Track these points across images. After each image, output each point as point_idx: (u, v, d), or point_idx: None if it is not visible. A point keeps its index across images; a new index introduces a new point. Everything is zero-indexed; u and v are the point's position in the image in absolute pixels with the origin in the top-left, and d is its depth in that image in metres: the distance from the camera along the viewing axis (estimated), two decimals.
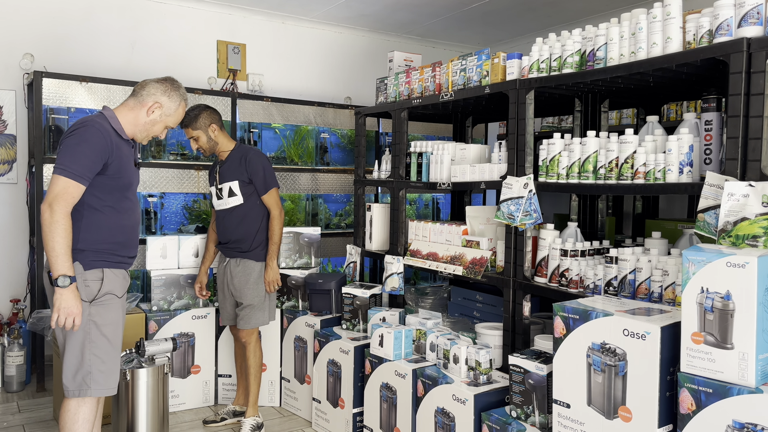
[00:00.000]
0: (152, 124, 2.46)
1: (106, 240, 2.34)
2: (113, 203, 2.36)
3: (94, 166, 2.25)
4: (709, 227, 1.90)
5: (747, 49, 1.85)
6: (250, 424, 3.19)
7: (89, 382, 2.29)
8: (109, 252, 2.35)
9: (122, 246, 2.40)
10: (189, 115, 3.14)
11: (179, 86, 2.51)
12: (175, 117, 2.51)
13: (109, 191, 2.34)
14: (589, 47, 2.43)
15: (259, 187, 3.17)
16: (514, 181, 2.64)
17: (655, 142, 2.21)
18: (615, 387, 1.88)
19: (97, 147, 2.25)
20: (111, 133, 2.33)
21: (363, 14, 4.98)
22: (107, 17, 4.43)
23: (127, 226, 2.42)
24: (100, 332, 2.31)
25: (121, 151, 2.36)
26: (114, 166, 2.32)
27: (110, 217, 2.35)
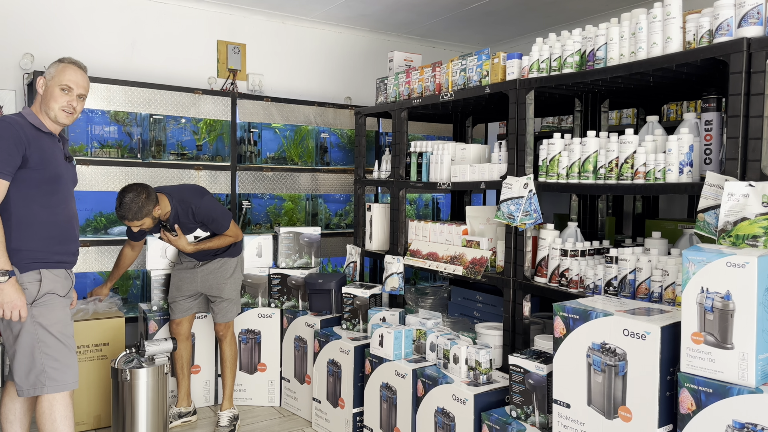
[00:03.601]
0: (47, 94, 2.39)
1: (38, 236, 2.33)
2: (41, 197, 2.34)
3: (11, 159, 2.23)
4: (709, 227, 1.90)
5: (747, 49, 1.85)
6: (227, 416, 3.23)
7: (44, 380, 2.30)
8: (44, 251, 2.34)
9: (57, 242, 2.38)
10: (131, 209, 2.89)
11: (62, 59, 2.47)
12: (62, 75, 2.41)
13: (36, 185, 2.32)
14: (589, 47, 2.43)
15: (218, 230, 3.19)
16: (514, 181, 2.64)
17: (655, 142, 2.21)
18: (615, 387, 1.88)
19: (10, 140, 2.24)
20: (25, 126, 2.32)
21: (363, 14, 4.98)
22: (107, 17, 4.43)
23: (60, 221, 2.40)
24: (47, 332, 2.32)
25: (42, 143, 2.34)
26: (35, 157, 2.30)
27: (40, 213, 2.34)
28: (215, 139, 4.52)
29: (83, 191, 3.99)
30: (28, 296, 2.29)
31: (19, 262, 2.29)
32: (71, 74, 2.43)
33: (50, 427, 2.34)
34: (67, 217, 2.43)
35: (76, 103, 2.44)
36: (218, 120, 4.46)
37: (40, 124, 2.37)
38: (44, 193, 2.34)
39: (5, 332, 2.34)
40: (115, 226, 4.16)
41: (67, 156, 2.50)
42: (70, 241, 2.44)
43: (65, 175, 2.44)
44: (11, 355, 2.34)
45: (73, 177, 2.55)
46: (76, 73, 2.45)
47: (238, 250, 3.36)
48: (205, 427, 3.32)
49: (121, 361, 2.85)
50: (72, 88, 2.42)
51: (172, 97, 4.20)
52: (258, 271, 3.74)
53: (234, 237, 3.24)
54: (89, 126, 4.09)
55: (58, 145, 2.45)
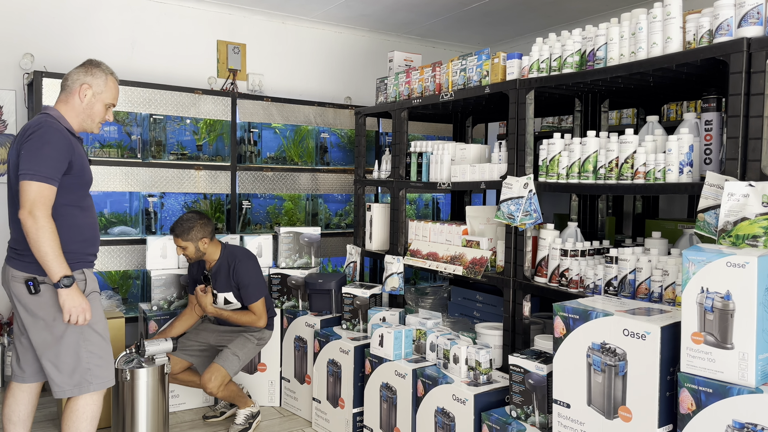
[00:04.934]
0: (90, 107, 2.41)
1: (76, 239, 2.34)
2: (77, 202, 2.36)
3: (60, 166, 2.24)
4: (709, 227, 1.90)
5: (747, 49, 1.85)
6: (244, 414, 3.23)
7: (90, 378, 2.32)
8: (81, 252, 2.37)
9: (90, 244, 2.41)
10: (182, 225, 3.11)
11: (99, 63, 2.46)
12: (109, 92, 2.45)
13: (75, 190, 2.35)
14: (589, 47, 2.43)
15: (245, 299, 3.20)
16: (514, 181, 2.64)
17: (655, 142, 2.21)
18: (615, 387, 1.88)
19: (60, 147, 2.25)
20: (66, 130, 2.33)
21: (363, 14, 4.98)
22: (107, 17, 4.43)
23: (91, 224, 2.43)
24: (93, 330, 2.35)
25: (78, 148, 2.36)
26: (77, 164, 2.32)
27: (79, 216, 2.36)
28: (215, 139, 4.52)
29: None
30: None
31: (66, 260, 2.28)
32: (117, 91, 2.50)
33: (78, 425, 2.33)
34: (94, 219, 2.47)
35: (111, 117, 2.52)
36: (218, 120, 4.46)
37: (70, 128, 2.38)
38: (80, 197, 2.38)
39: (40, 335, 2.30)
40: (116, 226, 4.17)
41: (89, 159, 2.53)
42: (97, 243, 2.48)
43: (91, 179, 2.49)
44: (50, 356, 2.30)
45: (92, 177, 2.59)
46: (118, 89, 2.52)
47: (264, 340, 3.31)
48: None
49: (121, 361, 2.85)
50: (114, 106, 2.51)
51: (172, 97, 4.20)
52: None
53: (257, 317, 3.20)
54: None
55: (83, 148, 2.47)
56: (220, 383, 3.06)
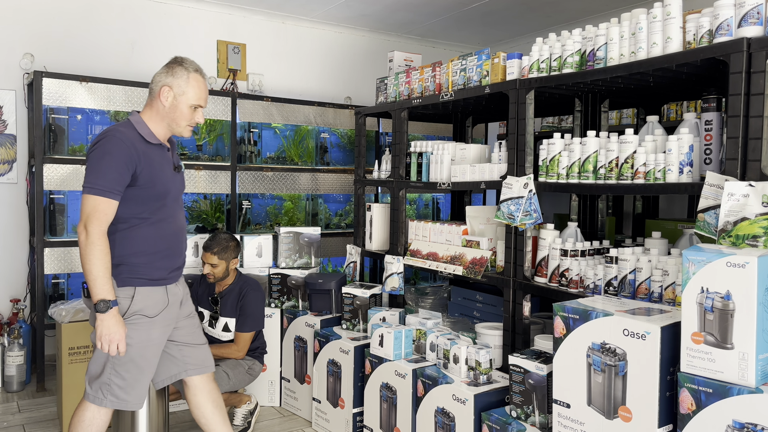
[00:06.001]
0: (173, 110, 2.25)
1: (143, 252, 2.21)
2: (149, 214, 2.23)
3: (121, 178, 2.12)
4: (709, 227, 1.90)
5: (747, 49, 1.85)
6: (242, 413, 3.23)
7: (105, 393, 2.22)
8: (146, 266, 2.22)
9: (161, 257, 2.26)
10: (220, 243, 3.15)
11: (182, 60, 2.31)
12: (193, 92, 2.27)
13: (143, 202, 2.21)
14: (589, 47, 2.43)
15: (239, 325, 3.20)
16: (514, 181, 2.64)
17: (655, 142, 2.21)
18: (615, 387, 1.88)
19: (120, 158, 2.12)
20: (136, 140, 2.19)
21: (363, 14, 4.98)
22: (107, 17, 4.43)
23: (166, 236, 2.28)
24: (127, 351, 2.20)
25: (151, 158, 2.21)
26: (144, 175, 2.17)
27: (146, 229, 2.22)
28: (215, 139, 4.52)
29: None
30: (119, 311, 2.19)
31: (118, 275, 2.19)
32: (203, 91, 2.30)
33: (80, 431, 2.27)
34: (173, 232, 2.31)
35: (201, 118, 2.33)
36: (218, 120, 4.46)
37: (150, 136, 2.24)
38: (151, 209, 2.23)
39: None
40: None
41: (176, 165, 2.36)
42: (174, 256, 2.32)
43: (173, 188, 2.31)
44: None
45: (181, 187, 2.42)
46: (205, 88, 2.32)
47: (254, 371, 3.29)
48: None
49: None
50: (202, 106, 2.31)
51: None
52: (258, 271, 3.74)
53: (236, 349, 3.18)
54: (89, 126, 4.09)
55: (166, 155, 2.31)
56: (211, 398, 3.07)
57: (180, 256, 2.36)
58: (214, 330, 3.26)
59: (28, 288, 4.17)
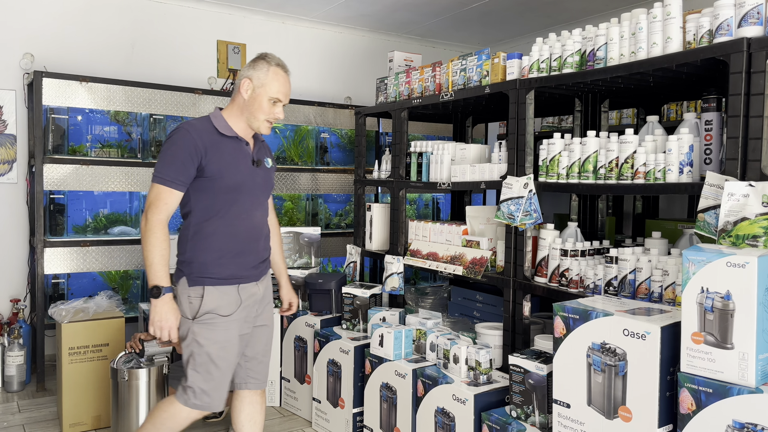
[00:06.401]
0: (252, 102, 2.21)
1: (213, 248, 2.19)
2: (221, 208, 2.19)
3: (184, 168, 2.11)
4: (709, 227, 1.90)
5: (747, 49, 1.85)
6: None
7: (190, 394, 2.19)
8: (216, 264, 2.19)
9: (233, 255, 2.22)
10: None
11: (265, 54, 2.26)
12: (273, 84, 2.21)
13: (214, 195, 2.18)
14: (589, 47, 2.43)
15: None
16: (514, 181, 2.64)
17: (655, 142, 2.21)
18: (615, 387, 1.88)
19: (185, 148, 2.11)
20: (207, 131, 2.17)
21: (363, 14, 4.98)
22: (107, 17, 4.43)
23: (238, 233, 2.23)
24: (202, 351, 2.18)
25: (222, 150, 2.17)
26: (212, 166, 2.15)
27: (217, 224, 2.19)
28: None
29: (83, 191, 3.99)
30: (192, 310, 2.19)
31: (190, 274, 2.19)
32: (282, 85, 2.23)
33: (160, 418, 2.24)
34: (247, 229, 2.26)
35: (281, 114, 2.26)
36: None
37: (226, 128, 2.21)
38: (223, 202, 2.19)
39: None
40: (115, 226, 4.17)
41: (255, 160, 2.29)
42: (248, 254, 2.26)
43: (249, 183, 2.25)
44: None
45: (263, 183, 2.34)
46: (286, 83, 2.25)
47: None
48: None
49: (120, 361, 2.85)
50: (281, 101, 2.24)
51: (172, 97, 4.20)
52: None
53: None
54: (89, 126, 4.09)
55: (244, 149, 2.26)
56: None
57: (255, 255, 2.29)
58: None
59: (28, 288, 4.17)
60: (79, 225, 4.07)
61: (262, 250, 2.34)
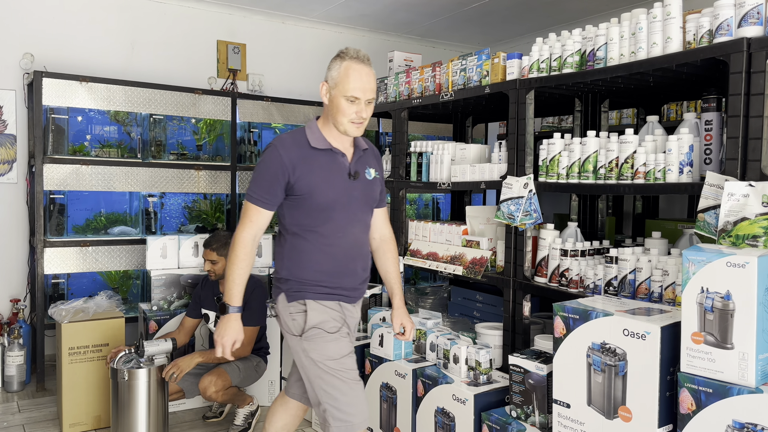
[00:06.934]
0: (332, 106, 2.04)
1: (308, 267, 2.08)
2: (315, 225, 2.07)
3: (271, 187, 2.03)
4: (709, 227, 1.90)
5: (747, 49, 1.85)
6: (243, 413, 3.23)
7: (329, 419, 2.05)
8: (314, 283, 2.08)
9: (329, 275, 2.08)
10: (219, 240, 3.16)
11: (343, 50, 2.05)
12: (346, 82, 2.00)
13: (306, 212, 2.06)
14: (589, 47, 2.43)
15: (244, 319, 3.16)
16: (514, 181, 2.64)
17: (655, 142, 2.21)
18: (615, 387, 1.88)
19: (271, 167, 2.02)
20: (298, 145, 2.05)
21: (363, 14, 4.98)
22: (107, 17, 4.43)
23: (333, 253, 2.09)
24: (320, 368, 2.05)
25: (311, 165, 2.03)
26: (302, 184, 2.02)
27: (311, 242, 2.08)
28: (215, 139, 4.52)
29: (83, 191, 3.99)
30: (297, 327, 2.08)
31: (288, 290, 2.10)
32: (356, 80, 2.00)
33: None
34: (343, 248, 2.10)
35: (365, 112, 2.04)
36: (218, 120, 4.46)
37: (318, 141, 2.07)
38: (316, 220, 2.06)
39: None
40: (115, 226, 4.17)
41: (352, 173, 2.10)
42: (345, 276, 2.11)
43: (344, 199, 2.07)
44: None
45: (361, 197, 2.14)
46: (361, 77, 2.01)
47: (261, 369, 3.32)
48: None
49: (120, 361, 2.85)
50: (359, 98, 2.01)
51: (172, 97, 4.20)
52: (258, 271, 3.74)
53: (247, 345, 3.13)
54: (89, 126, 4.09)
55: (339, 162, 2.09)
56: (221, 387, 3.05)
57: (352, 276, 2.13)
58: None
59: (28, 288, 4.17)
60: (79, 225, 4.07)
61: (360, 270, 2.17)
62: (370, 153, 2.23)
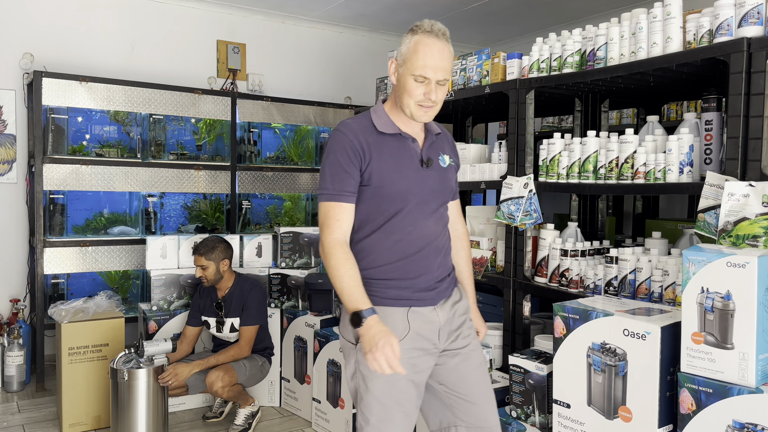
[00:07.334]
0: (400, 87, 1.79)
1: (375, 264, 1.80)
2: (383, 219, 1.80)
3: (345, 177, 1.76)
4: (710, 227, 1.90)
5: (747, 48, 1.85)
6: (244, 414, 3.23)
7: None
8: (379, 283, 1.80)
9: (399, 273, 1.80)
10: (206, 245, 3.17)
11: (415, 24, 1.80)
12: (414, 58, 1.74)
13: (376, 203, 1.80)
14: (590, 47, 2.43)
15: (243, 319, 3.22)
16: (514, 181, 2.64)
17: (655, 142, 2.21)
18: (615, 387, 1.88)
19: (343, 153, 1.77)
20: (365, 130, 1.80)
21: (363, 14, 4.98)
22: (107, 17, 4.43)
23: (403, 249, 1.80)
24: (366, 386, 1.78)
25: (381, 151, 1.79)
26: (371, 171, 1.78)
27: (378, 236, 1.81)
28: (215, 139, 4.52)
29: (82, 191, 3.99)
30: (354, 334, 1.80)
31: None
32: (426, 57, 1.73)
33: None
34: (416, 243, 1.82)
35: (435, 94, 1.76)
36: (218, 120, 4.46)
37: (385, 125, 1.82)
38: (384, 212, 1.80)
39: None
40: (115, 226, 4.16)
41: (424, 160, 1.84)
42: (418, 273, 1.81)
43: (416, 188, 1.82)
44: None
45: (436, 187, 1.86)
46: (432, 53, 1.74)
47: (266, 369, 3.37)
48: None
49: (119, 361, 2.85)
50: (428, 78, 1.75)
51: (172, 97, 4.20)
52: (258, 271, 3.74)
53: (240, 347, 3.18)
54: (89, 126, 4.09)
55: (410, 148, 1.83)
56: (228, 382, 3.06)
57: (428, 274, 1.83)
58: (221, 334, 3.28)
59: (28, 288, 4.17)
60: (79, 225, 4.06)
61: (437, 267, 1.86)
62: (444, 138, 1.97)
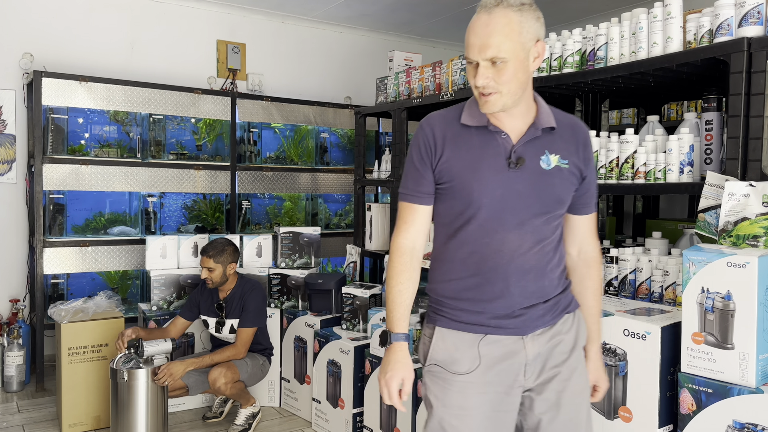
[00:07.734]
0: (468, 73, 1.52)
1: (449, 280, 1.60)
2: (452, 223, 1.58)
3: (418, 176, 1.58)
4: (710, 227, 1.90)
5: (747, 48, 1.85)
6: (245, 414, 3.23)
7: None
8: (450, 304, 1.59)
9: (470, 292, 1.56)
10: (215, 247, 3.18)
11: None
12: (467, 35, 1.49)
13: (450, 208, 1.58)
14: (590, 47, 2.42)
15: (242, 321, 3.21)
16: None
17: (655, 141, 2.21)
18: (615, 387, 1.88)
19: (414, 151, 1.59)
20: (448, 121, 1.58)
21: (363, 14, 4.98)
22: (107, 17, 4.43)
23: (476, 262, 1.55)
24: (433, 414, 1.60)
25: (459, 146, 1.54)
26: (444, 169, 1.55)
27: (454, 248, 1.58)
28: (215, 138, 4.52)
29: (82, 191, 3.99)
30: (423, 354, 1.65)
31: (429, 306, 1.67)
32: (469, 35, 1.48)
33: None
34: (492, 260, 1.53)
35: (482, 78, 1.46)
36: (218, 120, 4.46)
37: (471, 117, 1.56)
38: (458, 217, 1.57)
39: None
40: (115, 226, 4.16)
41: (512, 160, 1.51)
42: (493, 297, 1.54)
43: (498, 192, 1.51)
44: None
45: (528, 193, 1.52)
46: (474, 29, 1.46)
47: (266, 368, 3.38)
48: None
49: (119, 361, 2.84)
50: (472, 59, 1.48)
51: (172, 96, 4.20)
52: (258, 271, 3.74)
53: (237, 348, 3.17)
54: (89, 126, 4.09)
55: (497, 143, 1.53)
56: (230, 378, 3.07)
57: (507, 298, 1.53)
58: (221, 335, 3.28)
59: (28, 288, 4.17)
60: (79, 225, 4.06)
61: (521, 292, 1.54)
62: (560, 135, 1.58)
